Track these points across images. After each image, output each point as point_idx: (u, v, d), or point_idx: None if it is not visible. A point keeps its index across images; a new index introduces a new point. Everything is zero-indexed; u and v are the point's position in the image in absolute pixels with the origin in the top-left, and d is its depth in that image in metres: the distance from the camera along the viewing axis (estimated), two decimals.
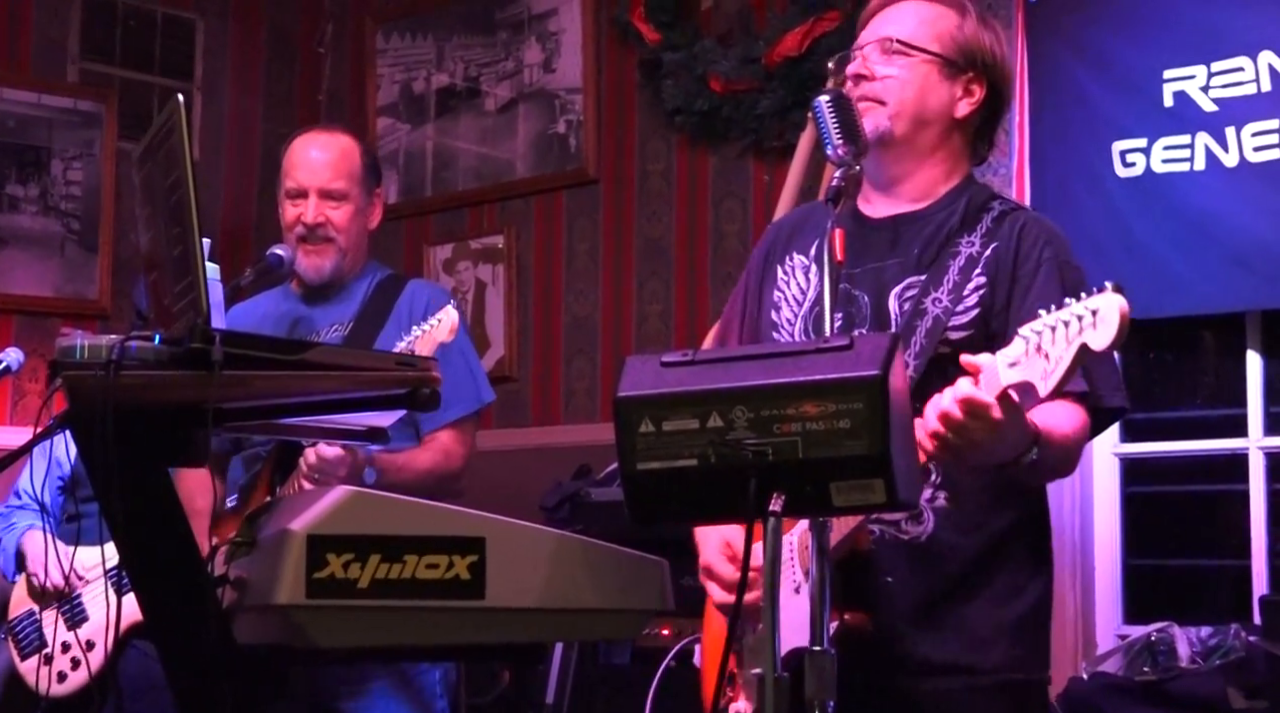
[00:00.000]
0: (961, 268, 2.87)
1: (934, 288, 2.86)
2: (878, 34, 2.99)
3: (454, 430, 4.01)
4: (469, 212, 6.86)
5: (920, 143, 2.97)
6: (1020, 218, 2.93)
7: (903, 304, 2.88)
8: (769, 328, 3.05)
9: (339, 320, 4.09)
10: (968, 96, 2.99)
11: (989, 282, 2.85)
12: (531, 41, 6.64)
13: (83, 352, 2.36)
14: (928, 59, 2.95)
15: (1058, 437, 2.69)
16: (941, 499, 2.83)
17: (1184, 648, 4.43)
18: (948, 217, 2.94)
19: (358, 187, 4.14)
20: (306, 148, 4.17)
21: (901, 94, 2.94)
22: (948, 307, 2.84)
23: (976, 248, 2.89)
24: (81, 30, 6.75)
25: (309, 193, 4.09)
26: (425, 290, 4.19)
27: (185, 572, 2.49)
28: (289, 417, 2.81)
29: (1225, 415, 5.14)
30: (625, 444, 2.28)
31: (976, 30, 3.01)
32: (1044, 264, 2.86)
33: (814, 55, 5.60)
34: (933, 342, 2.81)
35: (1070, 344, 2.32)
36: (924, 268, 2.89)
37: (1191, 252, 4.84)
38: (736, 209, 6.00)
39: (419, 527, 2.34)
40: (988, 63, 3.01)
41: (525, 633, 2.44)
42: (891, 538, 2.82)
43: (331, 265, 4.10)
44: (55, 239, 6.61)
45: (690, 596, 4.22)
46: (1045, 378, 2.36)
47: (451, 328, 3.72)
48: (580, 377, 6.41)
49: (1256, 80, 4.76)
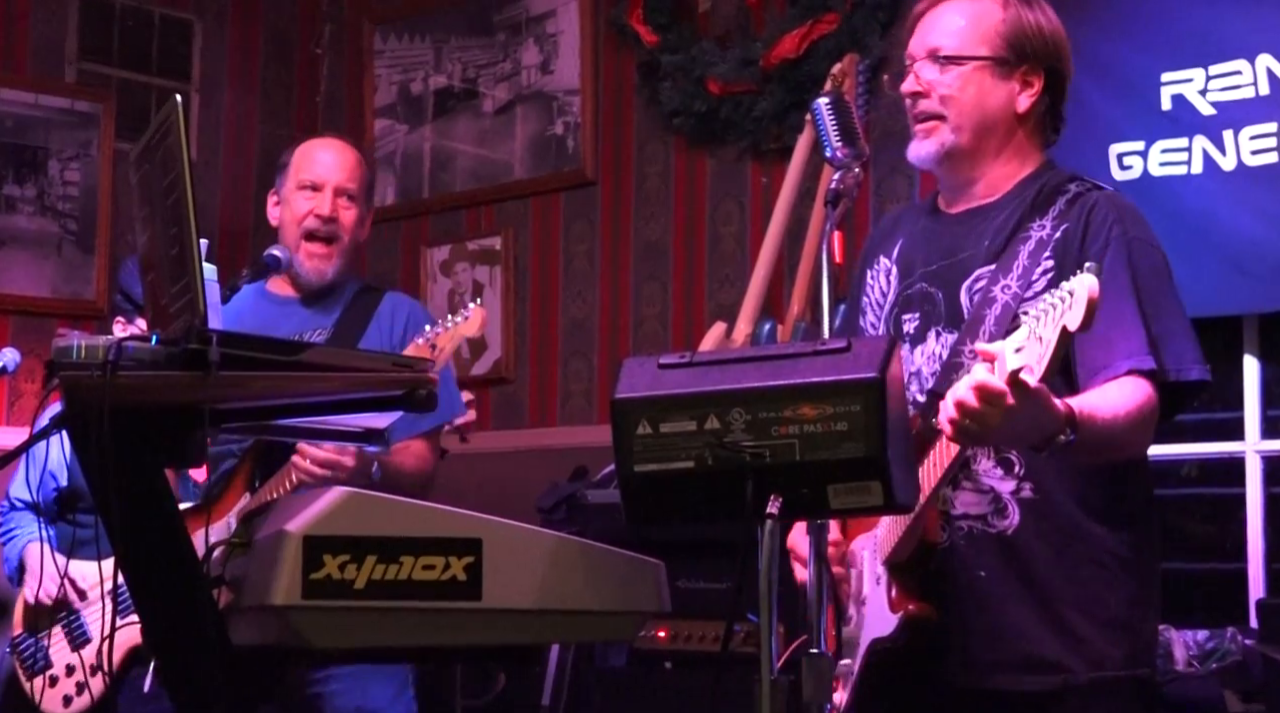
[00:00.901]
0: (1031, 252, 2.83)
1: (1003, 276, 2.83)
2: (925, 45, 2.95)
3: (426, 440, 4.04)
4: (466, 213, 6.86)
5: (987, 148, 2.95)
6: (1092, 198, 2.88)
7: (973, 296, 2.86)
8: (860, 334, 3.04)
9: (320, 326, 4.09)
10: (1026, 89, 2.96)
11: (1057, 264, 2.80)
12: (529, 43, 6.64)
13: (79, 352, 2.35)
14: (980, 64, 2.92)
15: (1102, 417, 2.63)
16: (1027, 490, 2.80)
17: (1180, 652, 4.42)
18: (1019, 204, 2.91)
19: (364, 196, 4.16)
20: (324, 148, 4.19)
21: (960, 105, 2.91)
22: (1017, 293, 2.80)
23: (1047, 231, 2.85)
24: (79, 31, 6.75)
25: (325, 187, 4.09)
26: (405, 303, 4.22)
27: (181, 572, 2.48)
28: (286, 418, 2.81)
29: (1222, 419, 5.14)
30: (622, 446, 2.29)
31: (1020, 17, 2.97)
32: (1112, 243, 2.81)
33: (812, 57, 5.60)
34: (1002, 328, 2.76)
35: (1055, 327, 2.31)
36: (994, 257, 2.86)
37: (1188, 255, 4.82)
38: (734, 211, 6.00)
39: (415, 528, 2.34)
40: (1040, 49, 2.98)
41: (522, 635, 2.43)
42: (980, 532, 2.80)
43: (334, 268, 4.11)
44: (52, 239, 6.61)
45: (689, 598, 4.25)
46: (1039, 362, 2.35)
47: (481, 323, 3.74)
48: (577, 378, 6.40)
49: (1254, 84, 4.76)
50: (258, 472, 3.88)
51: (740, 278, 5.77)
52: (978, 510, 2.80)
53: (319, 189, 4.10)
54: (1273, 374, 5.03)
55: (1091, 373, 2.74)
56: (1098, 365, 2.73)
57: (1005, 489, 2.80)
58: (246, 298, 4.20)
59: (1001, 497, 2.80)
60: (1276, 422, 5.02)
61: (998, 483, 2.80)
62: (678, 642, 4.82)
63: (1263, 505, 4.95)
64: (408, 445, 4.01)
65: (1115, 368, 2.72)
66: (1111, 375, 2.72)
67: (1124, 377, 2.71)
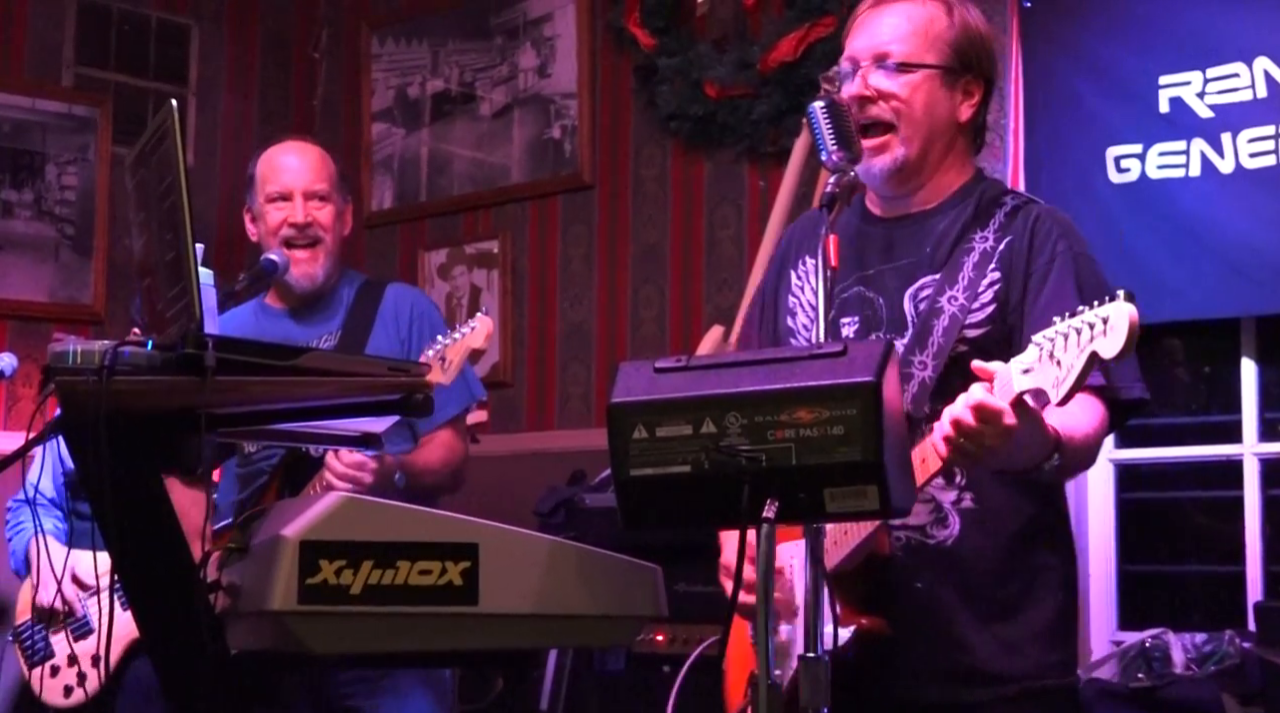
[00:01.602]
0: (976, 264, 2.85)
1: (949, 286, 2.84)
2: (873, 48, 2.93)
3: (451, 428, 4.06)
4: (464, 217, 6.86)
5: (931, 157, 2.95)
6: (1034, 211, 2.90)
7: (918, 304, 2.86)
8: (786, 335, 3.05)
9: (326, 332, 4.09)
10: (968, 99, 2.96)
11: (1004, 277, 2.83)
12: (527, 47, 6.64)
13: (75, 357, 2.35)
14: (930, 73, 2.91)
15: (1078, 439, 2.67)
16: (968, 500, 2.82)
17: (1178, 655, 4.42)
18: (959, 213, 2.92)
19: (336, 191, 4.17)
20: (283, 155, 4.19)
21: (910, 115, 2.90)
22: (964, 305, 2.82)
23: (990, 243, 2.86)
24: (76, 35, 6.75)
25: (293, 195, 4.09)
26: (408, 294, 4.22)
27: (178, 578, 2.48)
28: (282, 422, 2.80)
29: (1220, 421, 5.14)
30: (618, 450, 2.28)
31: (966, 25, 2.96)
32: (1058, 258, 2.83)
33: (809, 61, 5.60)
34: (950, 340, 2.80)
35: (1081, 352, 2.31)
36: (938, 266, 2.88)
37: (1186, 258, 4.84)
38: (731, 215, 6.00)
39: (412, 532, 2.34)
40: (983, 58, 2.97)
41: (518, 640, 2.43)
42: (918, 544, 2.81)
43: (323, 270, 4.10)
44: (49, 244, 6.60)
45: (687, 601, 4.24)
46: (1057, 386, 2.36)
47: (487, 335, 3.75)
48: (575, 382, 6.40)
49: (1252, 86, 4.76)
50: (286, 487, 3.89)
51: (738, 281, 5.76)
52: (917, 521, 2.80)
53: (289, 198, 4.10)
54: (1271, 377, 5.03)
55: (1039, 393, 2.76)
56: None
57: (947, 499, 2.82)
58: (246, 314, 4.21)
59: (943, 506, 2.82)
60: (1274, 424, 5.01)
61: (939, 493, 2.81)
62: (676, 645, 4.82)
63: (1260, 508, 4.94)
64: (434, 437, 4.03)
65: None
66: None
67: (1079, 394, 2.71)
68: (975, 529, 2.81)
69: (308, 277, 4.10)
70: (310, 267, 4.09)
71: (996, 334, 2.80)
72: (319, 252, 4.10)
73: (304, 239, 4.09)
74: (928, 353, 2.80)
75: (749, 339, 3.17)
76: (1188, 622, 4.74)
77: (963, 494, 2.82)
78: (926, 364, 2.79)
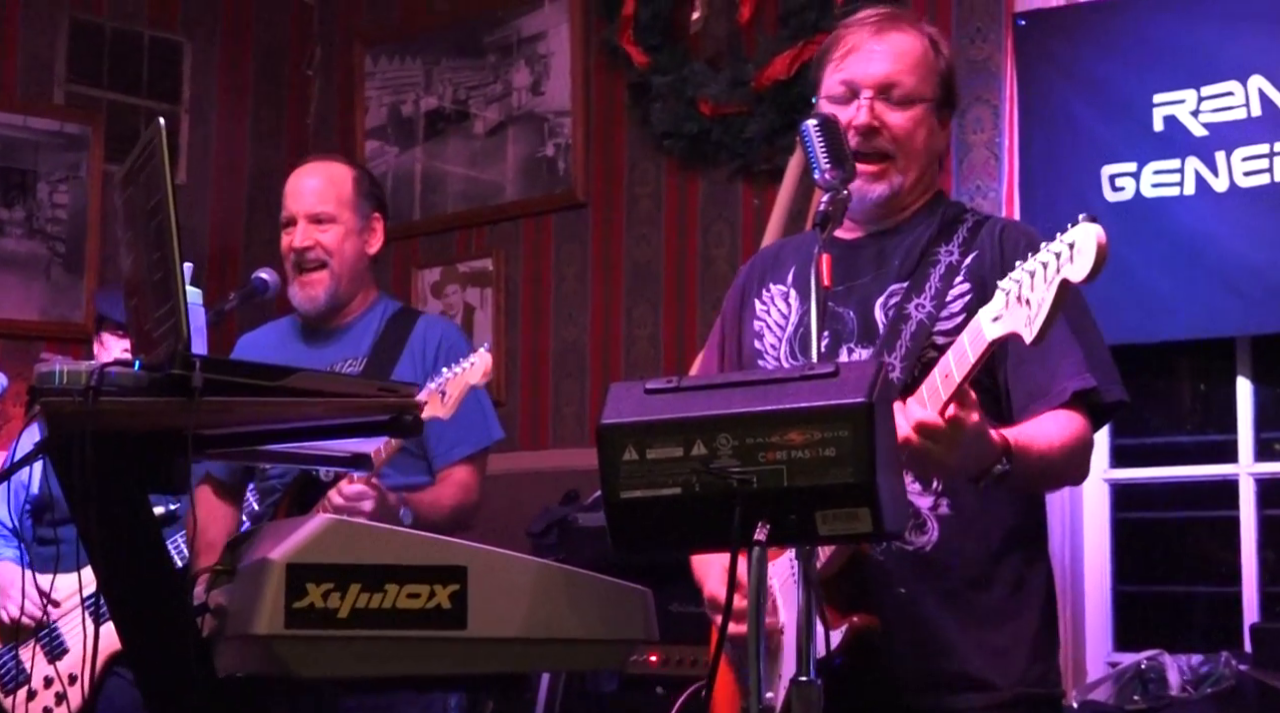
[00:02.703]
0: (943, 276, 2.88)
1: (916, 295, 2.87)
2: (877, 77, 2.94)
3: (468, 466, 4.03)
4: (457, 235, 6.84)
5: (920, 185, 3.00)
6: (998, 224, 2.96)
7: (887, 312, 2.88)
8: (753, 356, 3.05)
9: (352, 356, 4.07)
10: (944, 129, 3.03)
11: (974, 289, 2.84)
12: (520, 64, 6.63)
13: (61, 378, 2.33)
14: (927, 106, 2.97)
15: (1038, 448, 2.68)
16: (945, 506, 2.82)
17: (1174, 677, 4.40)
18: (925, 229, 2.96)
19: (348, 210, 4.12)
20: (298, 178, 4.19)
21: (910, 148, 2.95)
22: (931, 312, 2.84)
23: (956, 257, 2.90)
24: (68, 52, 6.73)
25: (298, 219, 4.09)
26: (438, 326, 4.19)
27: (165, 601, 2.46)
28: (271, 443, 2.78)
29: (1215, 441, 5.12)
30: (608, 472, 2.27)
31: (949, 59, 3.03)
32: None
33: (803, 79, 5.58)
34: (919, 345, 2.81)
35: (1050, 283, 2.29)
36: (905, 277, 2.90)
37: (1181, 277, 4.83)
38: (726, 233, 5.99)
39: (399, 556, 2.32)
40: (954, 88, 3.04)
41: (507, 663, 2.41)
42: (897, 549, 2.80)
43: (325, 293, 4.08)
44: (41, 262, 6.58)
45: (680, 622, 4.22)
46: (1029, 324, 2.33)
47: (485, 371, 3.73)
48: (569, 401, 6.38)
49: (1246, 105, 4.75)
50: (295, 506, 3.87)
51: None
52: None
53: (294, 223, 4.10)
54: (1266, 396, 5.01)
55: (1032, 396, 2.79)
56: (1039, 388, 2.78)
57: (924, 505, 2.82)
58: (273, 334, 4.21)
59: (921, 512, 2.82)
60: (1270, 444, 5.00)
61: (917, 498, 2.81)
62: (670, 666, 4.79)
63: (1256, 529, 4.93)
64: (449, 474, 4.00)
65: (1059, 390, 2.77)
66: (1056, 399, 2.77)
67: (1060, 409, 2.76)
68: (954, 535, 2.82)
69: (309, 300, 4.08)
70: (312, 290, 4.08)
71: None
72: (324, 275, 4.08)
73: (307, 262, 4.07)
74: (896, 356, 2.82)
75: (710, 368, 3.20)
76: (1184, 643, 4.72)
77: (939, 500, 2.82)
78: (895, 366, 2.81)
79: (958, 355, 2.49)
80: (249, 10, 7.32)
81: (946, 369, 2.51)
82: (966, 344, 2.47)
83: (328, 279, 4.08)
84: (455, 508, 3.95)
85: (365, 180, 4.24)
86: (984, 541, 2.84)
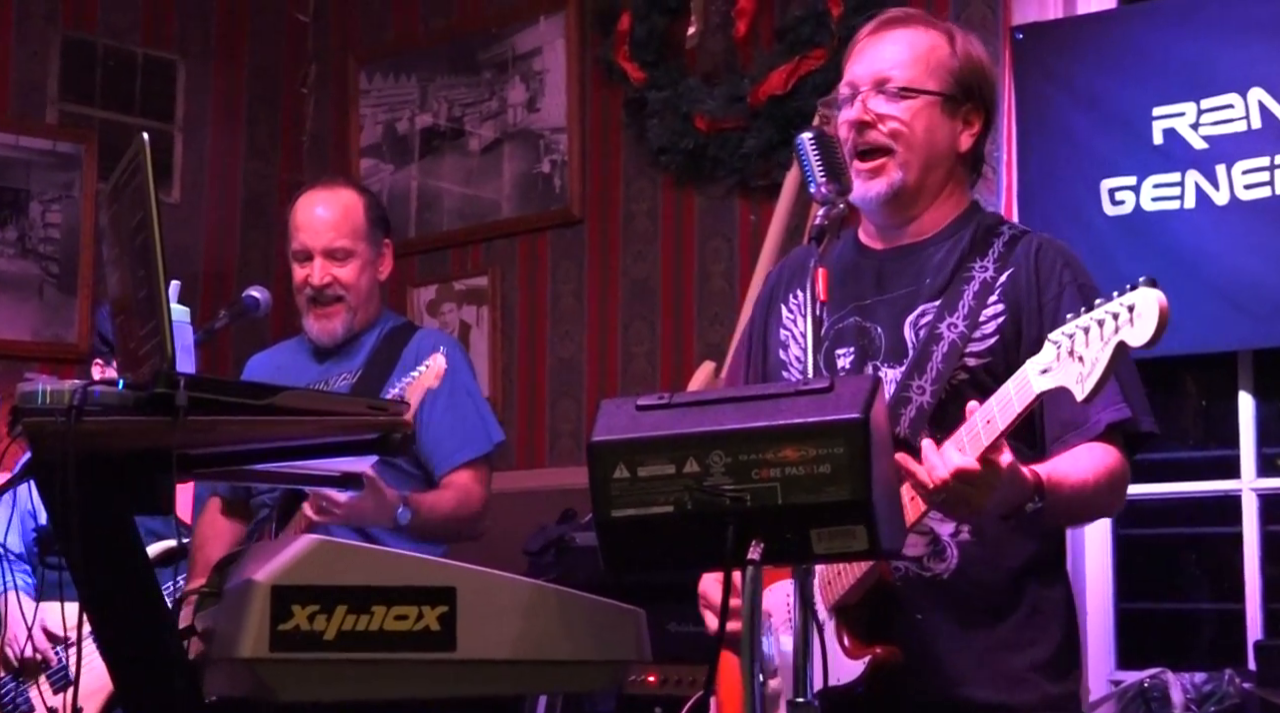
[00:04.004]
0: (976, 293, 2.82)
1: (949, 313, 2.82)
2: (873, 74, 2.91)
3: (470, 471, 4.00)
4: (453, 252, 6.82)
5: (931, 185, 2.93)
6: (1034, 242, 2.89)
7: (918, 331, 2.83)
8: (778, 367, 3.01)
9: (346, 370, 4.05)
10: (968, 128, 2.94)
11: (1008, 310, 2.80)
12: (515, 81, 6.60)
13: (44, 397, 2.30)
14: (931, 99, 2.90)
15: (1071, 484, 2.65)
16: (965, 533, 2.78)
17: (1178, 695, 4.36)
18: (957, 242, 2.90)
19: (363, 242, 4.10)
20: (310, 207, 4.13)
21: (909, 140, 2.88)
22: (964, 332, 2.79)
23: (990, 273, 2.84)
24: (61, 71, 6.70)
25: (314, 254, 4.05)
26: (432, 339, 4.15)
27: (150, 623, 2.43)
28: (258, 463, 2.75)
29: (1218, 457, 5.09)
30: (599, 490, 2.24)
31: (969, 54, 2.95)
32: (1065, 288, 2.81)
33: (800, 93, 5.57)
34: (950, 366, 2.77)
35: (1106, 343, 2.27)
36: (937, 294, 2.85)
37: (1182, 291, 4.77)
38: (723, 248, 5.96)
39: (387, 576, 2.28)
40: (984, 88, 2.96)
41: (498, 686, 2.38)
42: (915, 576, 2.77)
43: (343, 326, 4.08)
44: (33, 282, 6.55)
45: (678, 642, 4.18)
46: (1081, 381, 2.32)
47: (438, 374, 3.68)
48: (565, 419, 6.35)
49: (1246, 117, 4.73)
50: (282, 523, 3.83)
51: (729, 316, 5.72)
52: (914, 553, 2.76)
53: (310, 257, 4.06)
54: (1268, 411, 4.98)
55: (1066, 426, 2.75)
56: (1075, 419, 2.73)
57: (945, 531, 2.78)
58: (283, 352, 4.21)
59: (941, 539, 2.78)
60: (1273, 460, 4.96)
61: (937, 525, 2.77)
62: (668, 686, 4.76)
63: (1259, 544, 4.89)
64: (450, 480, 3.96)
65: (1095, 422, 2.72)
66: (1092, 431, 2.73)
67: (1096, 442, 2.72)
68: (974, 562, 2.78)
69: (326, 333, 4.08)
70: (330, 323, 4.07)
71: (997, 366, 2.76)
72: (340, 308, 4.07)
73: (325, 299, 4.05)
74: (926, 379, 2.78)
75: (737, 377, 3.15)
76: (1187, 661, 4.68)
77: (960, 527, 2.78)
78: (925, 390, 2.77)
79: (1002, 404, 2.46)
80: (243, 28, 7.30)
81: (989, 415, 2.48)
82: (1013, 394, 2.44)
83: (344, 312, 4.08)
84: (455, 512, 3.91)
85: (374, 206, 4.21)
86: (1004, 567, 2.80)
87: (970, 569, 2.77)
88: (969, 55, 2.95)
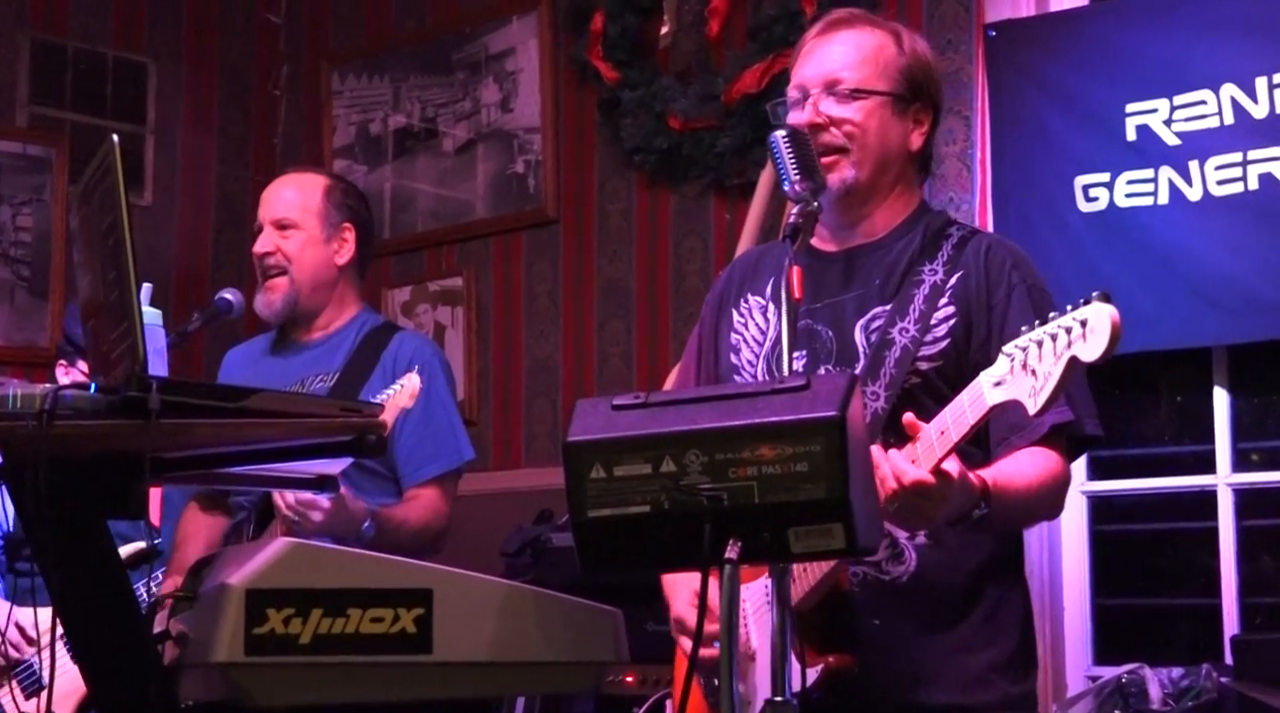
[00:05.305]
0: (927, 297, 2.83)
1: (900, 318, 2.83)
2: (823, 73, 2.92)
3: (437, 487, 3.97)
4: (427, 253, 6.80)
5: (882, 184, 2.94)
6: (983, 243, 2.90)
7: (869, 336, 2.84)
8: (729, 371, 3.00)
9: (324, 371, 4.03)
10: (918, 127, 2.96)
11: (959, 312, 2.82)
12: (489, 81, 6.59)
13: (15, 401, 2.27)
14: (882, 100, 2.91)
15: (1015, 488, 2.67)
16: (922, 537, 2.78)
17: (1155, 690, 4.36)
18: (906, 245, 2.91)
19: (314, 218, 4.09)
20: (272, 186, 4.22)
21: (863, 140, 2.89)
22: (915, 336, 2.80)
23: (940, 276, 2.85)
24: (30, 73, 6.66)
25: (264, 225, 4.07)
26: (411, 343, 4.12)
27: (124, 628, 2.41)
28: (232, 465, 2.73)
29: (1193, 452, 5.09)
30: (575, 491, 2.23)
31: (916, 53, 2.97)
32: (1015, 289, 2.83)
33: (773, 92, 5.55)
34: (903, 371, 2.78)
35: (1059, 358, 2.27)
36: (887, 298, 2.86)
37: (1156, 286, 4.80)
38: (697, 248, 5.95)
39: (362, 579, 2.27)
40: (932, 87, 2.98)
41: (475, 688, 2.36)
42: (874, 579, 2.78)
43: (282, 300, 4.05)
44: (4, 286, 6.52)
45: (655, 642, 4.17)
46: (1034, 395, 2.33)
47: (412, 394, 3.67)
48: (541, 419, 6.34)
49: (1219, 113, 4.73)
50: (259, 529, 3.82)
51: None
52: (872, 558, 2.76)
53: (262, 230, 4.08)
54: (1243, 406, 4.98)
55: (1013, 429, 2.76)
56: (1019, 421, 2.72)
57: (902, 535, 2.78)
58: (255, 350, 4.18)
59: (899, 542, 2.79)
60: (1248, 455, 4.97)
61: (894, 528, 2.76)
62: (646, 686, 4.75)
63: (1235, 539, 4.89)
64: (416, 494, 3.94)
65: (1039, 423, 2.71)
66: (1035, 433, 2.74)
67: (1038, 444, 2.74)
68: (932, 565, 2.79)
69: (267, 305, 4.06)
70: (271, 295, 4.06)
71: (949, 369, 2.79)
72: (283, 281, 4.06)
73: (269, 270, 4.04)
74: (880, 384, 2.79)
75: (688, 381, 3.15)
76: (1164, 656, 4.68)
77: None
78: (879, 395, 2.78)
79: (955, 416, 2.47)
80: (214, 30, 7.27)
81: (943, 426, 2.49)
82: (966, 406, 2.45)
83: (287, 286, 4.05)
84: (421, 528, 3.89)
85: (339, 191, 4.19)
86: (962, 569, 2.81)
87: (928, 572, 2.78)
88: (916, 54, 2.97)
